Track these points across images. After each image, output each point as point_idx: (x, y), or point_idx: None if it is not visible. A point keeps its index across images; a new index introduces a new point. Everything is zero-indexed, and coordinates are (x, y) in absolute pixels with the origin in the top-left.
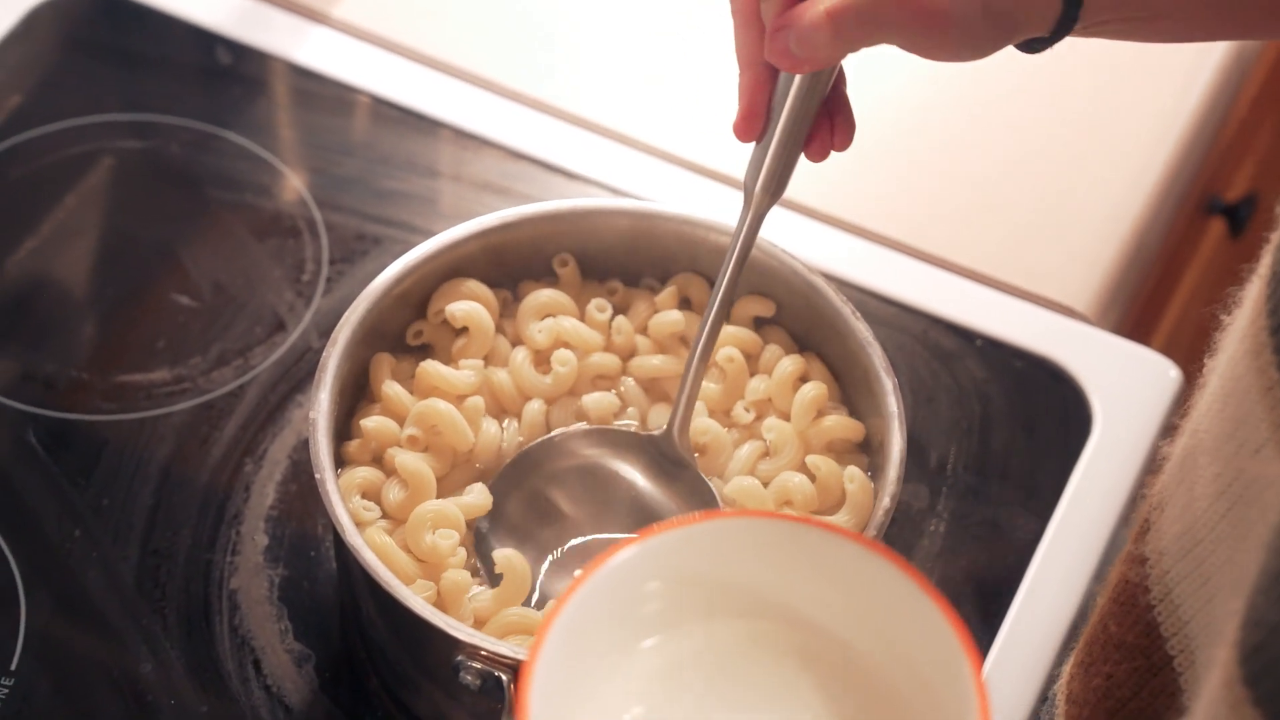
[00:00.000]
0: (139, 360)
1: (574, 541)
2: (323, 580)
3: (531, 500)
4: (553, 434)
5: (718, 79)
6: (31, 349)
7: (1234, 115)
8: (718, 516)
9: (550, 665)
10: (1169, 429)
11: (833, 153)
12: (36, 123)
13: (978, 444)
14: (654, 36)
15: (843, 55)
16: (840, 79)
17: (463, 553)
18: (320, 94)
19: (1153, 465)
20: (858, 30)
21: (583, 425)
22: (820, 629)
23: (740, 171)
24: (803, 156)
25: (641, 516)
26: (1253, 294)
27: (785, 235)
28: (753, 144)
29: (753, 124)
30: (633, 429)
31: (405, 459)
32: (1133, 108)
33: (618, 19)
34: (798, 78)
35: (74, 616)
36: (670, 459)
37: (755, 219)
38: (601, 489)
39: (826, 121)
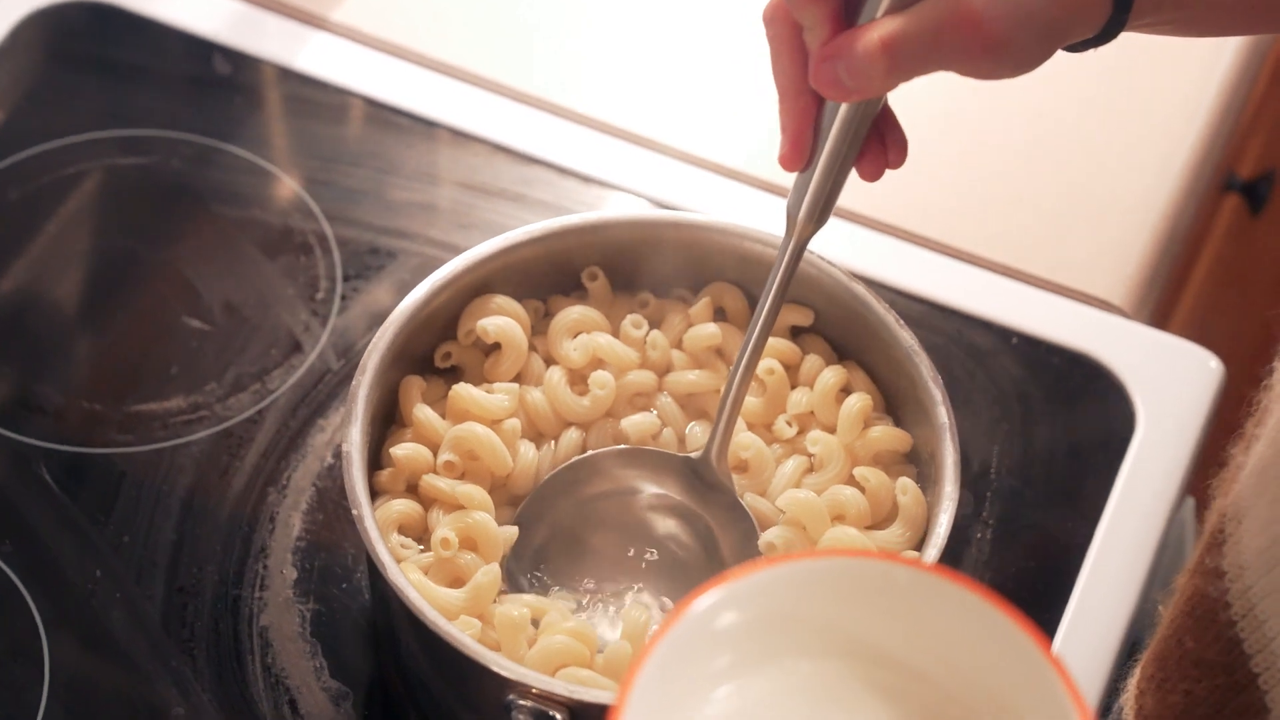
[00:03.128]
0: (153, 388)
1: (606, 574)
2: (356, 613)
3: (564, 526)
4: (587, 454)
5: (733, 78)
6: (40, 381)
7: (1253, 91)
8: (802, 558)
9: (637, 710)
10: (1214, 422)
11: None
12: (31, 142)
13: (1020, 446)
14: (666, 35)
15: (896, 85)
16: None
17: (495, 570)
18: (324, 102)
19: (1213, 466)
20: (914, 60)
21: (619, 445)
22: (908, 669)
23: (763, 171)
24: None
25: (677, 543)
26: None
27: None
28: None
29: (800, 154)
30: (670, 449)
31: (466, 490)
32: (1155, 91)
33: (628, 18)
34: (844, 104)
35: (100, 661)
36: (707, 482)
37: (798, 247)
38: (636, 514)
39: (877, 139)
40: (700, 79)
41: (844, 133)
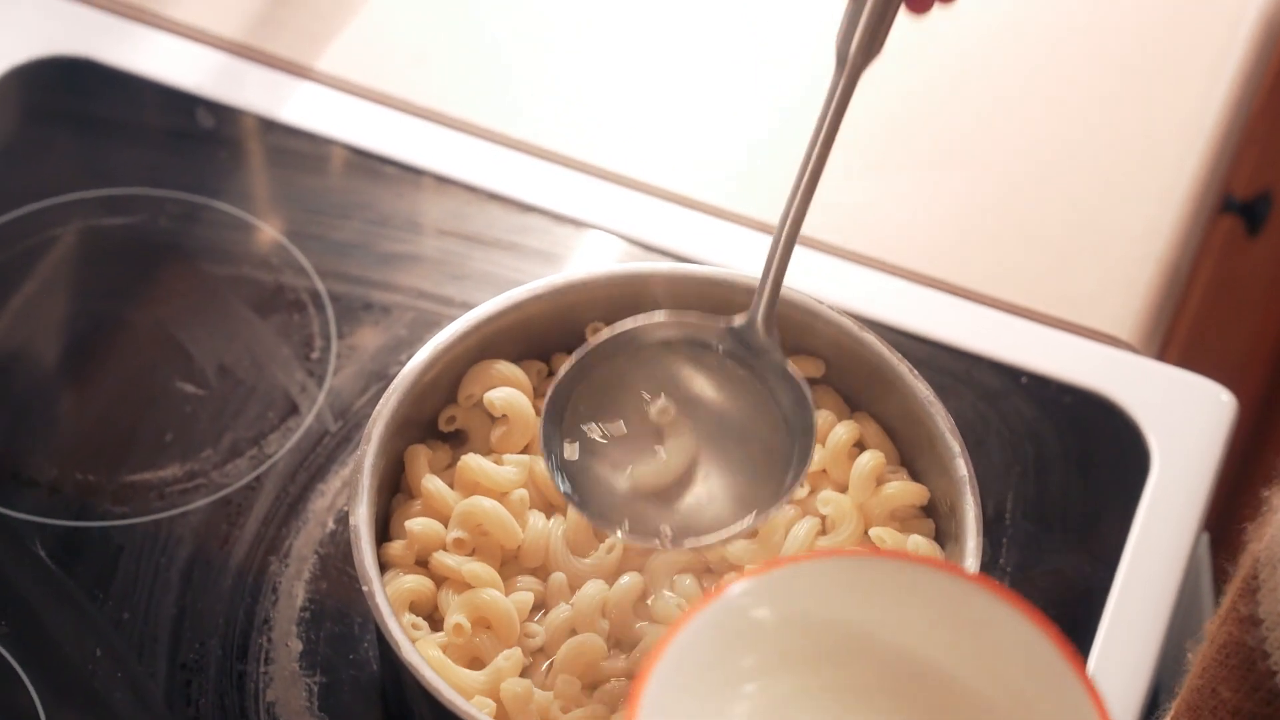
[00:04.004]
0: (147, 457)
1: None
2: (365, 684)
3: (602, 398)
4: (626, 327)
5: (731, 120)
6: (31, 453)
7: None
8: (836, 554)
9: (659, 694)
10: (1228, 455)
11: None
12: (12, 205)
13: (1034, 489)
14: (658, 76)
15: None
16: None
17: (518, 654)
18: (311, 153)
19: (1229, 501)
20: None
21: (658, 315)
22: (929, 668)
23: (763, 214)
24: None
25: (718, 414)
26: None
27: (809, 275)
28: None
29: None
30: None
31: (473, 568)
32: (1154, 119)
33: (620, 61)
34: None
35: None
36: (753, 349)
37: (850, 80)
38: (676, 385)
39: None
40: (695, 121)
41: None
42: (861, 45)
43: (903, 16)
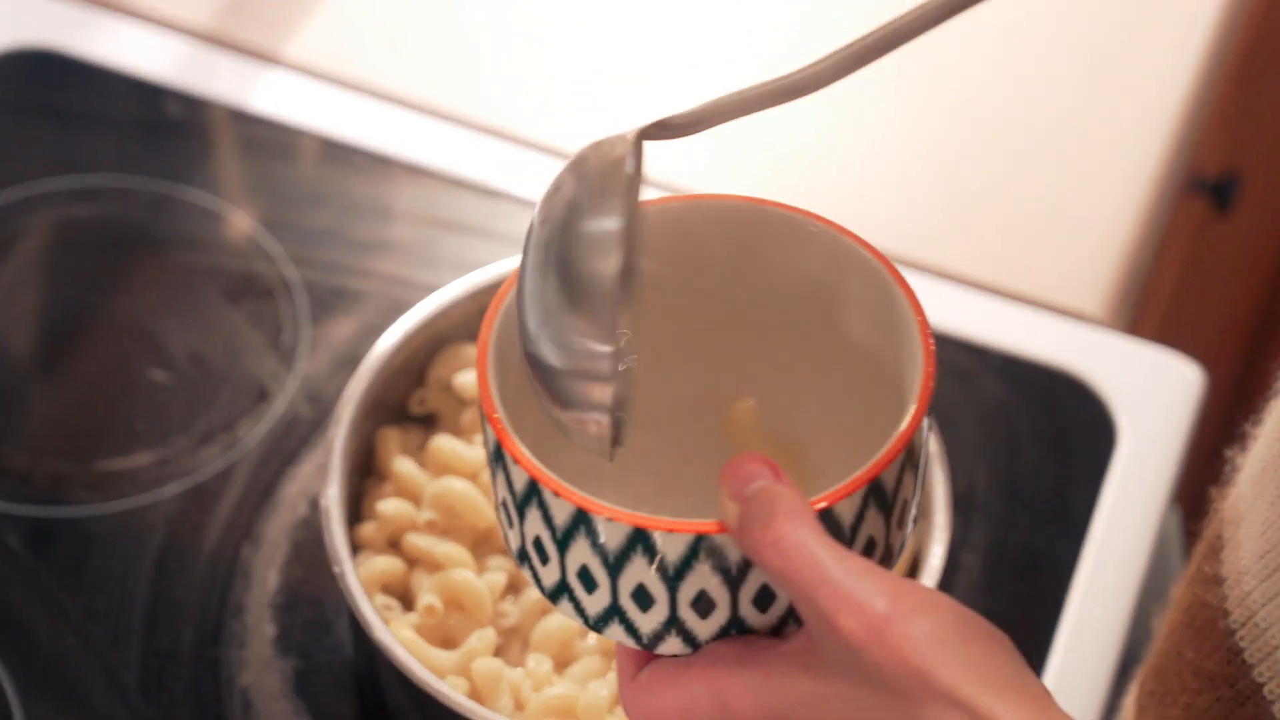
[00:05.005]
0: (119, 445)
1: None
2: (339, 668)
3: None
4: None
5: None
6: (0, 442)
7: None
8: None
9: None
10: (1197, 431)
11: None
12: None
13: (1005, 467)
14: (631, 63)
15: None
16: None
17: (491, 634)
18: (281, 142)
19: (1198, 475)
20: None
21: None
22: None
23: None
24: None
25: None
26: None
27: None
28: None
29: None
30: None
31: (445, 549)
32: (1121, 97)
33: (591, 45)
34: None
35: None
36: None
37: None
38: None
39: None
40: (667, 106)
41: None
42: None
43: None
